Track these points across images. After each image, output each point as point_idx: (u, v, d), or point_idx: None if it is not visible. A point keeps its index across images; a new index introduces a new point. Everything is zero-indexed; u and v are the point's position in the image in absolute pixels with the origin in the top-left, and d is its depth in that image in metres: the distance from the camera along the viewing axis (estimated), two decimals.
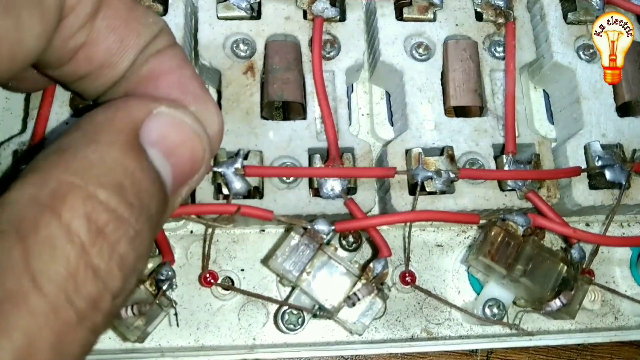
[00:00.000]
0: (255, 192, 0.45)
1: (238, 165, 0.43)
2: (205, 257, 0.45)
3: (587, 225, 0.54)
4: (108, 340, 0.47)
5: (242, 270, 0.50)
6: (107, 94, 0.33)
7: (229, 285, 0.48)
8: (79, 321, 0.22)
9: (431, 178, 0.45)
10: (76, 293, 0.22)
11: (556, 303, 0.44)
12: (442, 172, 0.45)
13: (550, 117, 0.55)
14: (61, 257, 0.22)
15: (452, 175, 0.45)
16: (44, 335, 0.21)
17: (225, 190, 0.43)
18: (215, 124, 0.32)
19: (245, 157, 0.44)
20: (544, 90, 0.56)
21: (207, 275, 0.45)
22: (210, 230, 0.44)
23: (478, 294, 0.49)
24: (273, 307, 0.49)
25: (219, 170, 0.42)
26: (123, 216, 0.24)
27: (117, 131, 0.26)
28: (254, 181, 0.44)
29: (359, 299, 0.42)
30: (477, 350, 0.52)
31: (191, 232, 0.50)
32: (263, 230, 0.51)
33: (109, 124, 0.27)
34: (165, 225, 0.48)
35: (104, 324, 0.24)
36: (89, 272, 0.23)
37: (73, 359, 0.23)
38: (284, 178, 0.45)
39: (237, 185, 0.42)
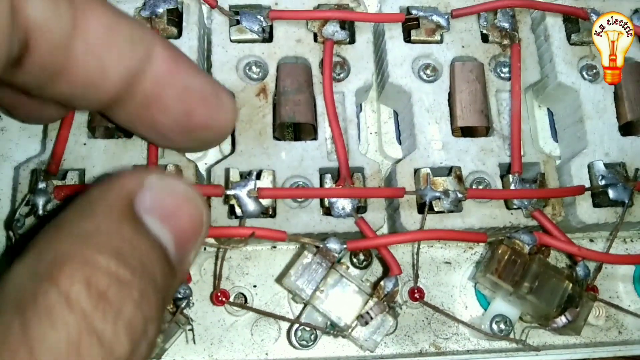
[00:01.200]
0: (267, 211, 0.46)
1: (251, 187, 0.44)
2: (217, 277, 0.46)
3: (591, 241, 0.55)
4: None
5: (255, 286, 0.51)
6: (114, 111, 0.34)
7: (240, 303, 0.49)
8: None
9: (439, 198, 0.46)
10: None
11: (562, 320, 0.45)
12: (450, 192, 0.46)
13: (555, 135, 0.57)
14: (61, 326, 0.22)
15: (459, 196, 0.46)
16: None
17: (238, 212, 0.44)
18: (228, 116, 0.34)
19: (258, 177, 0.46)
20: (548, 108, 0.58)
21: (219, 294, 0.46)
22: (221, 251, 0.45)
23: (485, 310, 0.51)
24: (285, 323, 0.50)
25: (232, 192, 0.44)
26: (125, 278, 0.24)
27: (112, 203, 0.27)
28: (267, 200, 0.45)
29: (371, 318, 0.44)
30: None
31: (204, 249, 0.51)
32: (275, 247, 0.52)
33: (103, 197, 0.27)
34: None
35: None
36: (93, 338, 0.22)
37: None
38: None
39: (251, 207, 0.44)
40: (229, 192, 0.44)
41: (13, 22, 0.27)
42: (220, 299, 0.46)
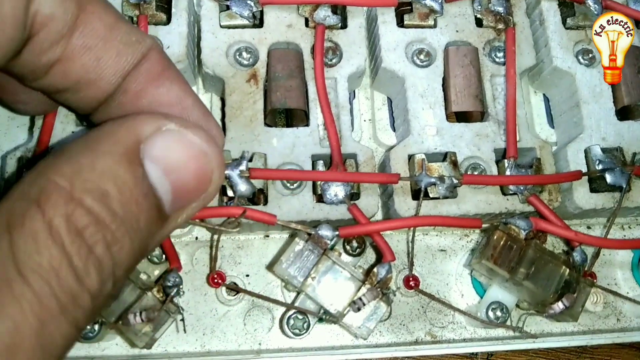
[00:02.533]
0: (259, 198, 0.45)
1: (243, 167, 0.43)
2: (213, 259, 0.45)
3: (589, 227, 0.54)
4: (115, 346, 0.47)
5: (247, 275, 0.50)
6: (103, 111, 0.34)
7: (235, 286, 0.48)
8: (61, 312, 0.24)
9: (434, 184, 0.46)
10: (58, 285, 0.24)
11: (559, 306, 0.44)
12: (445, 178, 0.46)
13: (551, 120, 0.56)
14: (44, 251, 0.24)
15: (455, 182, 0.46)
16: (28, 320, 0.23)
17: (230, 193, 0.43)
18: (219, 139, 0.33)
19: (250, 160, 0.45)
20: (544, 94, 0.57)
21: (215, 276, 0.45)
22: (216, 234, 0.45)
23: (481, 297, 0.50)
24: (278, 312, 0.49)
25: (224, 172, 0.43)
26: (104, 221, 0.25)
27: (116, 142, 0.27)
28: (258, 184, 0.44)
29: (364, 304, 0.43)
30: (477, 353, 0.52)
31: (196, 238, 0.51)
32: (267, 236, 0.51)
33: (110, 134, 0.28)
34: None
35: (84, 320, 0.25)
36: (70, 269, 0.24)
37: (56, 348, 0.24)
38: (288, 184, 0.45)
39: (242, 187, 0.43)
40: None
41: (26, 13, 0.28)
42: (216, 280, 0.46)
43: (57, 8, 0.29)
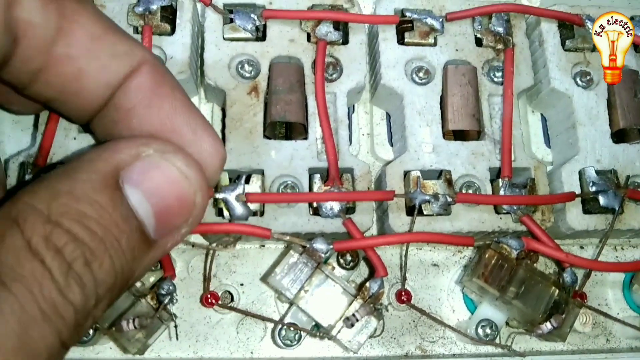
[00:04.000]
0: (256, 212, 0.46)
1: (240, 191, 0.44)
2: (207, 279, 0.46)
3: (581, 247, 0.55)
4: (109, 350, 0.48)
5: (242, 284, 0.51)
6: (100, 123, 0.34)
7: (228, 305, 0.49)
8: (44, 320, 0.24)
9: (429, 201, 0.46)
10: (40, 294, 0.24)
11: (547, 326, 0.45)
12: (439, 196, 0.46)
13: (548, 140, 0.56)
14: (26, 264, 0.25)
15: (449, 200, 0.46)
16: (10, 324, 0.23)
17: (226, 215, 0.44)
18: (214, 156, 0.32)
19: (247, 181, 0.46)
20: (541, 114, 0.57)
21: (209, 296, 0.46)
22: (211, 252, 0.45)
23: (472, 314, 0.50)
24: (271, 322, 0.50)
25: (221, 196, 0.44)
26: (82, 240, 0.26)
27: (94, 170, 0.28)
28: (255, 204, 0.45)
29: (357, 320, 0.44)
30: None
31: (192, 245, 0.51)
32: (263, 246, 0.52)
33: (89, 163, 0.29)
34: None
35: (68, 334, 0.26)
36: (51, 281, 0.25)
37: (39, 355, 0.25)
38: None
39: (239, 211, 0.44)
40: (217, 196, 0.44)
41: (6, 22, 0.28)
42: (210, 300, 0.46)
43: (38, 15, 0.29)
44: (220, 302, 0.46)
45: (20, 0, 0.29)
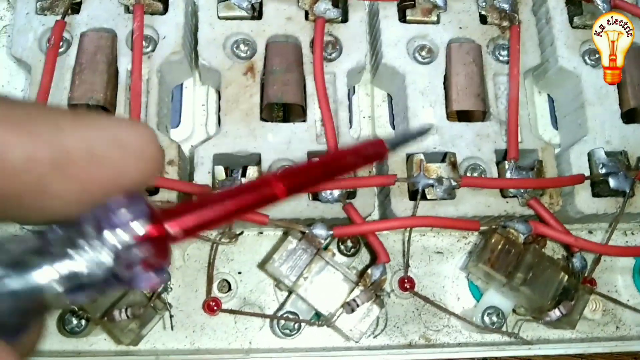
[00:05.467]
0: None
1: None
2: (209, 280, 0.44)
3: (590, 232, 0.53)
4: (103, 341, 0.47)
5: (240, 273, 0.49)
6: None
7: (230, 309, 0.47)
8: None
9: (432, 185, 0.45)
10: None
11: (556, 313, 0.43)
12: (443, 180, 0.45)
13: (555, 122, 0.55)
14: None
15: (453, 184, 0.45)
16: None
17: None
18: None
19: (244, 174, 0.44)
20: (548, 94, 0.56)
21: (211, 303, 0.44)
22: (212, 252, 0.44)
23: (478, 301, 0.49)
24: (270, 311, 0.48)
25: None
26: None
27: None
28: None
29: (358, 305, 0.42)
30: (473, 359, 0.51)
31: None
32: (261, 233, 0.50)
33: None
34: None
35: None
36: None
37: None
38: None
39: None
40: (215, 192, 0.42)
41: None
42: (212, 307, 0.45)
43: None
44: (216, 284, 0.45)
45: None
